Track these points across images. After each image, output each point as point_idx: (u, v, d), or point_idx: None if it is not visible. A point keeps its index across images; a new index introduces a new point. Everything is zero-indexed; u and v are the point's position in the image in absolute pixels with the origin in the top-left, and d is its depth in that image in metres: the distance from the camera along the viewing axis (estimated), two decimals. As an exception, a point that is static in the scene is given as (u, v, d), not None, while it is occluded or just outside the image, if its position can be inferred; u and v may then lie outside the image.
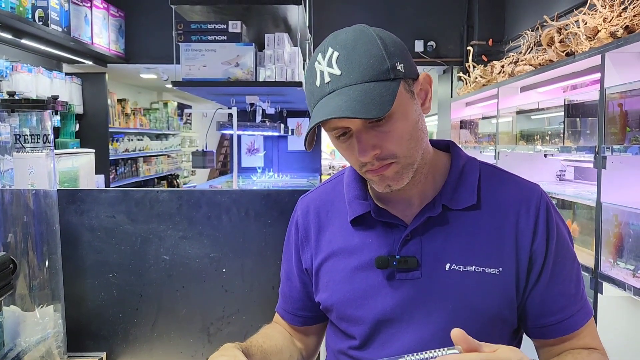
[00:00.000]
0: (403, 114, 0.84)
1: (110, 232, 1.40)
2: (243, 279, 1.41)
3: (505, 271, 0.89)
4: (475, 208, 0.93)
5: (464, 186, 0.94)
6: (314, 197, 1.09)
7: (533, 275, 0.90)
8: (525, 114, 3.59)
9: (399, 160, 0.85)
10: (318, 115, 0.81)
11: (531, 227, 0.90)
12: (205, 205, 1.40)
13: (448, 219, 0.93)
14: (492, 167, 1.00)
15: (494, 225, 0.92)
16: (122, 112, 6.27)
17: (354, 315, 0.95)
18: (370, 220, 0.97)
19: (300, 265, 1.07)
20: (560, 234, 0.92)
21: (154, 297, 1.41)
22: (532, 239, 0.90)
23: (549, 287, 0.90)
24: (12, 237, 1.22)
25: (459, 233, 0.92)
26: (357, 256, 0.96)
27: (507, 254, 0.90)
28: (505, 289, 0.89)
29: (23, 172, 1.30)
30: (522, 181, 0.97)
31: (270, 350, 1.01)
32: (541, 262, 0.89)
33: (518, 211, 0.92)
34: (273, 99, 4.15)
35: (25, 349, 1.21)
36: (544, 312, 0.90)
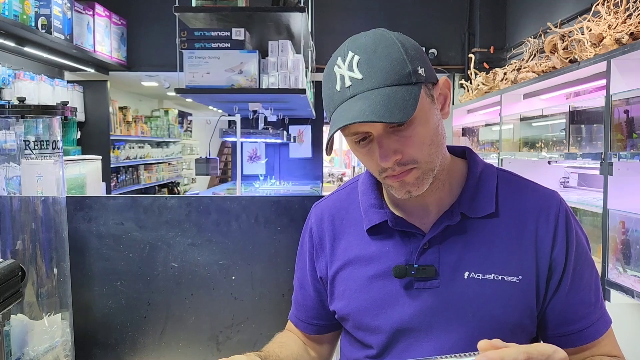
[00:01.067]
0: (424, 119, 0.83)
1: (119, 239, 1.39)
2: (252, 286, 1.39)
3: (524, 279, 0.88)
4: (493, 216, 0.92)
5: (482, 194, 0.93)
6: (328, 205, 1.07)
7: (553, 284, 0.88)
8: (527, 121, 3.59)
9: (420, 165, 0.84)
10: (340, 120, 0.80)
11: (551, 235, 0.89)
12: (215, 212, 1.39)
13: (466, 227, 0.92)
14: (509, 174, 0.99)
15: (513, 233, 0.90)
16: (123, 119, 6.26)
17: (371, 324, 0.94)
18: (387, 229, 0.95)
19: (315, 273, 1.05)
20: (579, 242, 0.91)
21: (162, 305, 1.40)
22: (552, 246, 0.89)
23: (569, 296, 0.88)
24: (21, 244, 1.21)
25: (478, 241, 0.91)
26: (374, 265, 0.95)
27: (527, 262, 0.88)
28: (525, 297, 0.88)
29: (31, 179, 1.29)
30: (540, 188, 0.96)
31: (281, 358, 0.99)
32: (561, 270, 0.88)
33: (537, 219, 0.90)
34: (276, 106, 4.15)
35: (33, 358, 1.19)
36: (564, 321, 0.89)
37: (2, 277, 1.04)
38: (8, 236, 1.21)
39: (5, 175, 1.29)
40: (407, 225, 0.93)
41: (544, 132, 3.43)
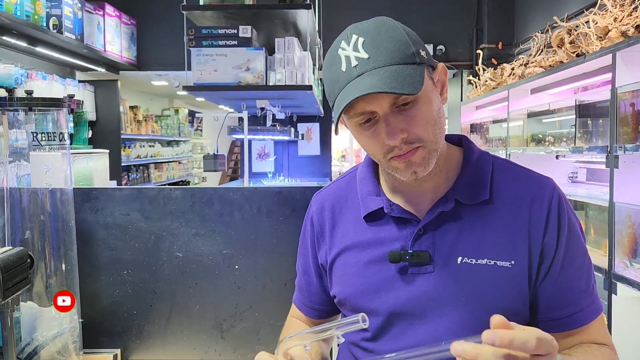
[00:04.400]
0: (428, 99, 0.85)
1: (125, 230, 1.42)
2: (255, 275, 1.42)
3: (517, 264, 0.89)
4: (488, 202, 0.93)
5: (477, 181, 0.94)
6: (329, 194, 1.09)
7: (543, 269, 0.89)
8: (536, 117, 3.58)
9: (426, 144, 0.86)
10: (350, 95, 0.81)
11: (543, 221, 0.90)
12: (218, 203, 1.42)
13: (461, 213, 0.93)
14: (505, 161, 1.01)
15: (507, 219, 0.92)
16: (134, 118, 6.33)
17: (367, 307, 0.96)
18: (383, 216, 0.97)
19: (317, 260, 1.08)
20: (571, 228, 0.92)
21: (167, 294, 1.43)
22: (544, 232, 0.90)
23: (558, 281, 0.89)
24: (30, 234, 1.24)
25: (472, 227, 0.92)
26: (370, 251, 0.97)
27: (520, 247, 0.90)
28: (517, 282, 0.89)
29: (39, 171, 1.33)
30: (535, 175, 0.98)
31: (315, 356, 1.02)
32: (552, 255, 0.89)
33: (531, 205, 0.92)
34: (283, 103, 4.18)
35: (42, 343, 1.23)
36: (553, 306, 0.90)
37: (11, 263, 1.07)
38: (18, 226, 1.24)
39: (17, 172, 1.33)
40: (402, 212, 0.95)
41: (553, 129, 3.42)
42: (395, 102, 0.83)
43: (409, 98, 0.83)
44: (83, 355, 1.33)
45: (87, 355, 1.37)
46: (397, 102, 0.83)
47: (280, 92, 3.50)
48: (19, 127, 1.26)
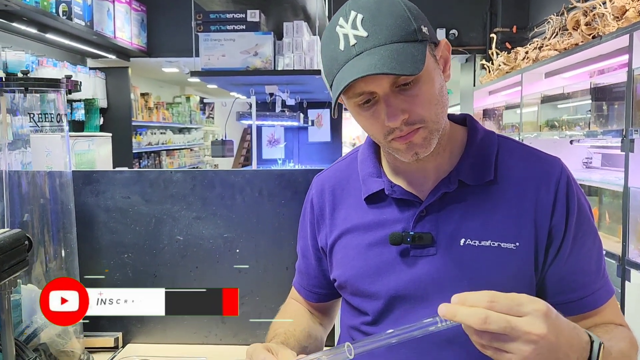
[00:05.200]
0: (429, 78, 0.82)
1: (125, 213, 1.41)
2: (257, 259, 1.40)
3: (522, 246, 0.86)
4: (492, 183, 0.90)
5: (481, 161, 0.91)
6: (329, 176, 1.07)
7: (552, 251, 0.86)
8: (550, 102, 3.49)
9: (427, 125, 0.83)
10: (349, 76, 0.78)
11: (550, 202, 0.87)
12: (219, 186, 1.39)
13: (464, 194, 0.90)
14: (511, 141, 0.97)
15: (512, 200, 0.88)
16: (145, 106, 6.34)
17: (368, 290, 0.93)
18: (385, 197, 0.95)
19: (316, 243, 1.05)
20: (581, 209, 0.88)
21: (168, 278, 1.41)
22: (552, 213, 0.86)
23: (568, 264, 0.86)
24: (28, 217, 1.23)
25: (476, 209, 0.89)
26: (372, 233, 0.94)
27: (525, 229, 0.86)
28: (522, 265, 0.86)
29: (40, 154, 1.32)
30: (542, 155, 0.94)
31: (302, 337, 0.99)
32: (560, 237, 0.86)
33: (538, 185, 0.88)
34: (292, 89, 4.15)
35: (41, 326, 1.22)
36: (563, 289, 0.87)
37: (7, 245, 1.06)
38: (16, 209, 1.23)
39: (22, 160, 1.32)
40: (404, 193, 0.92)
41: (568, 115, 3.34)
42: (396, 82, 0.80)
43: (409, 78, 0.80)
44: (83, 339, 1.32)
45: (88, 339, 1.36)
46: (398, 82, 0.80)
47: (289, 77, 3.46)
48: (20, 113, 1.25)
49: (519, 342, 0.62)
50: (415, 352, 0.88)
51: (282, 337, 0.96)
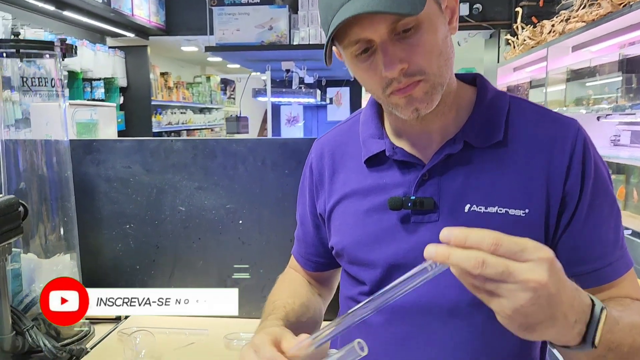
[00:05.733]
0: (432, 26, 0.75)
1: (126, 183, 1.38)
2: (260, 231, 1.36)
3: (532, 213, 0.79)
4: (501, 145, 0.83)
5: (490, 121, 0.84)
6: (329, 139, 1.01)
7: (564, 219, 0.79)
8: (578, 80, 3.34)
9: (428, 77, 0.76)
10: (343, 15, 0.72)
11: (565, 165, 0.79)
12: (221, 155, 1.35)
13: (470, 157, 0.83)
14: (524, 101, 0.89)
15: (523, 163, 0.81)
16: (164, 85, 6.34)
17: (365, 259, 0.88)
18: (386, 160, 0.89)
19: (315, 210, 1.01)
20: (598, 174, 0.80)
21: (170, 249, 1.38)
22: (566, 178, 0.79)
23: (582, 232, 0.79)
24: (24, 185, 1.21)
25: (482, 172, 0.82)
26: (371, 198, 0.89)
27: (536, 194, 0.79)
28: (531, 233, 0.78)
29: (39, 123, 1.29)
30: (557, 116, 0.86)
31: (301, 311, 0.94)
32: (574, 204, 0.79)
33: (551, 148, 0.81)
34: (310, 65, 4.07)
35: (39, 295, 1.21)
36: (577, 260, 0.79)
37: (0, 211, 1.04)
38: (13, 177, 1.21)
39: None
40: (406, 155, 0.86)
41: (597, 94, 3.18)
42: (395, 28, 0.73)
43: (409, 23, 0.73)
44: (84, 309, 1.31)
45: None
46: (397, 28, 0.73)
47: (305, 52, 3.39)
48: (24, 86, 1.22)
49: (516, 288, 0.55)
50: (415, 326, 0.83)
51: (282, 311, 0.91)
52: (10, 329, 1.11)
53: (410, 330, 0.83)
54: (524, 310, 0.55)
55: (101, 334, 1.29)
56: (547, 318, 0.56)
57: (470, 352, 0.79)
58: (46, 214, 1.22)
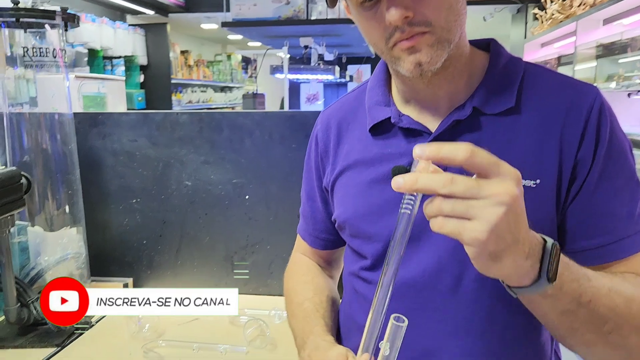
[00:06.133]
0: None
1: (132, 157, 1.36)
2: (267, 206, 1.32)
3: (543, 184, 0.73)
4: (513, 112, 0.77)
5: (502, 87, 0.78)
6: (335, 109, 0.97)
7: (574, 188, 0.73)
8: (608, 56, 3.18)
9: (434, 30, 0.71)
10: None
11: (579, 133, 0.73)
12: (227, 128, 1.31)
13: (480, 124, 0.78)
14: (540, 68, 0.83)
15: (535, 131, 0.75)
16: (185, 63, 6.33)
17: (368, 231, 0.84)
18: (391, 128, 0.84)
19: (321, 184, 0.97)
20: (613, 142, 0.74)
21: (176, 224, 1.36)
22: (579, 145, 0.73)
23: (591, 203, 0.73)
24: (28, 158, 1.20)
25: (492, 140, 0.77)
26: (374, 168, 0.84)
27: (548, 164, 0.74)
28: (542, 205, 0.73)
29: (45, 96, 1.27)
30: (574, 82, 0.80)
31: (330, 308, 0.93)
32: (585, 172, 0.72)
33: (566, 114, 0.75)
34: (328, 41, 3.99)
35: (44, 267, 1.20)
36: (583, 233, 0.73)
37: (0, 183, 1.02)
38: (16, 150, 1.20)
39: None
40: (412, 123, 0.81)
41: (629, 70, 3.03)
42: None
43: None
44: (91, 283, 1.30)
45: (96, 283, 1.34)
46: None
47: (324, 27, 3.32)
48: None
49: (487, 203, 0.52)
50: (418, 303, 0.78)
51: (319, 317, 0.89)
52: (15, 301, 1.11)
53: (412, 307, 0.79)
54: (497, 229, 0.52)
55: (108, 308, 1.29)
56: (513, 242, 0.54)
57: (474, 332, 0.75)
58: (51, 188, 1.21)
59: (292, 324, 0.92)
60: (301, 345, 0.85)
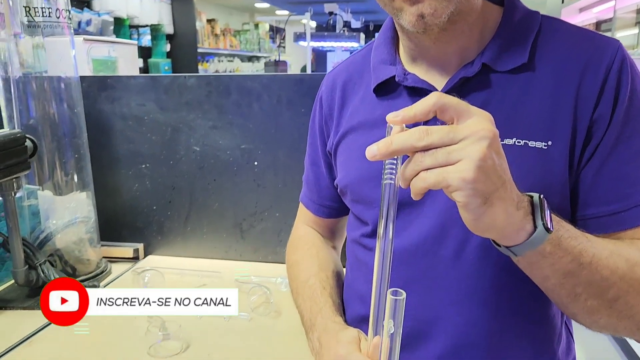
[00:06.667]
0: None
1: (141, 121, 1.34)
2: (275, 173, 1.29)
3: (555, 146, 0.67)
4: (526, 69, 0.71)
5: (514, 42, 0.72)
6: (341, 70, 0.92)
7: (589, 150, 0.67)
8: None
9: None
10: None
11: (597, 89, 0.67)
12: (235, 92, 1.28)
13: (490, 82, 0.72)
14: (559, 21, 0.76)
15: (549, 89, 0.69)
16: (211, 32, 6.29)
17: (369, 196, 0.80)
18: (396, 87, 0.79)
19: (325, 147, 0.93)
20: (634, 102, 0.67)
21: (185, 190, 1.35)
22: (596, 103, 0.66)
23: (606, 167, 0.66)
24: (34, 122, 1.19)
25: (502, 99, 0.71)
26: (377, 131, 0.80)
27: (561, 124, 0.68)
28: (554, 168, 0.68)
29: (54, 60, 1.26)
30: (595, 35, 0.73)
31: (335, 283, 0.91)
32: (601, 133, 0.66)
33: (583, 71, 0.68)
34: (354, 7, 3.89)
35: (53, 231, 1.21)
36: (596, 200, 0.67)
37: (1, 144, 1.02)
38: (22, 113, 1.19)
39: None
40: (418, 81, 0.76)
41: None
42: None
43: None
44: (100, 248, 1.31)
45: (107, 249, 1.35)
46: None
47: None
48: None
49: (467, 144, 0.49)
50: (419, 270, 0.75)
51: (326, 296, 0.86)
52: (23, 263, 1.12)
53: (413, 274, 0.75)
54: (483, 165, 0.49)
55: (117, 272, 1.30)
56: (500, 182, 0.52)
57: (478, 302, 0.71)
58: (58, 152, 1.21)
59: (298, 303, 0.89)
60: (309, 326, 0.82)
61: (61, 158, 1.21)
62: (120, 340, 0.97)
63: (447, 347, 0.73)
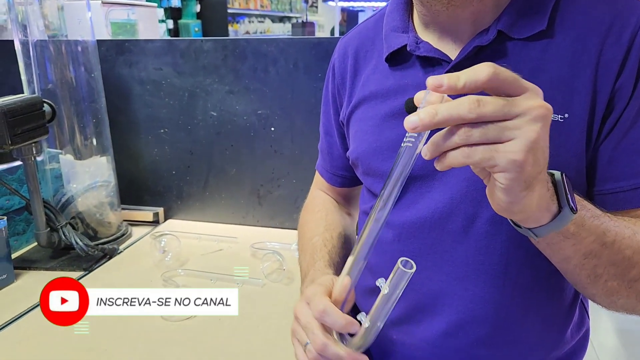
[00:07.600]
0: None
1: (159, 86, 1.33)
2: (292, 139, 1.28)
3: (572, 118, 0.63)
4: (545, 36, 0.66)
5: (533, 7, 0.67)
6: (353, 37, 0.89)
7: (609, 122, 0.62)
8: None
9: None
10: None
11: (620, 57, 0.62)
12: (251, 56, 1.26)
13: (506, 50, 0.68)
14: None
15: (568, 57, 0.65)
16: (242, -8, 6.19)
17: (380, 168, 0.78)
18: (409, 57, 0.75)
19: (338, 117, 0.90)
20: None
21: (204, 155, 1.35)
22: (618, 73, 0.62)
23: (627, 140, 0.62)
24: (52, 86, 1.20)
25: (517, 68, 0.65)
26: (390, 101, 0.77)
27: (579, 94, 0.63)
28: (569, 141, 0.64)
29: (73, 23, 1.26)
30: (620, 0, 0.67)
31: (340, 245, 0.89)
32: (623, 105, 0.61)
33: (605, 37, 0.63)
34: (386, -36, 3.74)
35: (74, 194, 1.23)
36: (614, 174, 0.63)
37: (19, 109, 1.03)
38: (40, 78, 1.20)
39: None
40: (430, 50, 0.72)
41: None
42: None
43: None
44: (120, 212, 1.33)
45: (127, 212, 1.37)
46: None
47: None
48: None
49: (522, 122, 0.44)
50: (427, 244, 0.73)
51: (324, 253, 0.85)
52: (44, 226, 1.15)
53: (421, 248, 0.73)
54: (535, 148, 0.44)
55: (138, 235, 1.32)
56: (544, 165, 0.48)
57: (485, 277, 0.69)
58: (76, 116, 1.22)
59: (300, 259, 0.90)
60: (303, 279, 0.83)
61: (80, 122, 1.22)
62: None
63: (452, 321, 0.72)
